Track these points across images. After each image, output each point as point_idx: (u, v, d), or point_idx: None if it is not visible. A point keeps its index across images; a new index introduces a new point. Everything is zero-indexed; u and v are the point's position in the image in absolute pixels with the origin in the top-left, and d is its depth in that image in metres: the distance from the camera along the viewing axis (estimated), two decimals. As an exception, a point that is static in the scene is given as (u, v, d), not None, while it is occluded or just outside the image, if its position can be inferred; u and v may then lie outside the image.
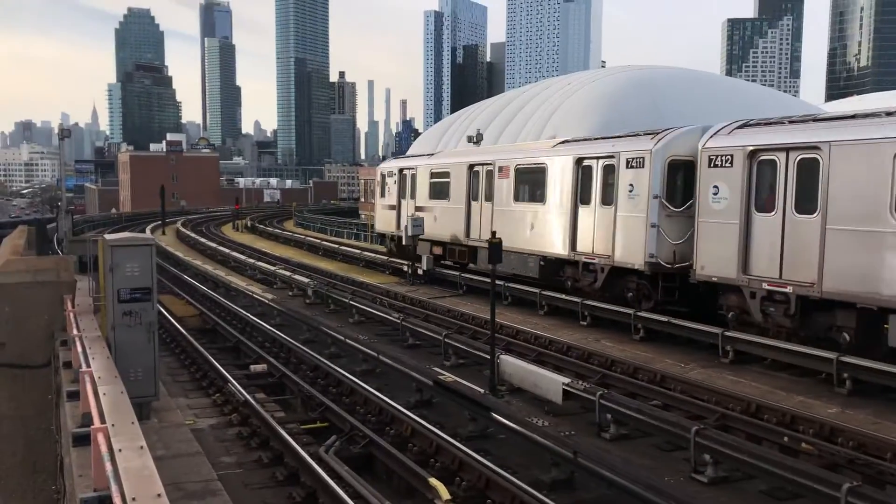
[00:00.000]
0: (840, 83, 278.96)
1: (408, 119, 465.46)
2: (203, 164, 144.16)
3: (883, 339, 12.22)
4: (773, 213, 14.07)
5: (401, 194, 29.17)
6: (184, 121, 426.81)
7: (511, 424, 10.19)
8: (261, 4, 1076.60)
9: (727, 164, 14.78)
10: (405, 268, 26.68)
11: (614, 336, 16.50)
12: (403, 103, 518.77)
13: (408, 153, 43.05)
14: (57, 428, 12.33)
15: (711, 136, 15.47)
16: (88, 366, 9.36)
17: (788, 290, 13.58)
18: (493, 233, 15.38)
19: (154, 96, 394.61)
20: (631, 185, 17.09)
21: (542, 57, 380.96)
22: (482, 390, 12.34)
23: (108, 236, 11.42)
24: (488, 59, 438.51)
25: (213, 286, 27.15)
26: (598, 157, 18.50)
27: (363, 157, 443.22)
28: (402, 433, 10.75)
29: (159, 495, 5.41)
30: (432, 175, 26.94)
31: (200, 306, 22.55)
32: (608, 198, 17.90)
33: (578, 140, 20.63)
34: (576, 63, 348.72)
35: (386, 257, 29.85)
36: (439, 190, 26.23)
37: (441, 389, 12.28)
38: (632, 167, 17.11)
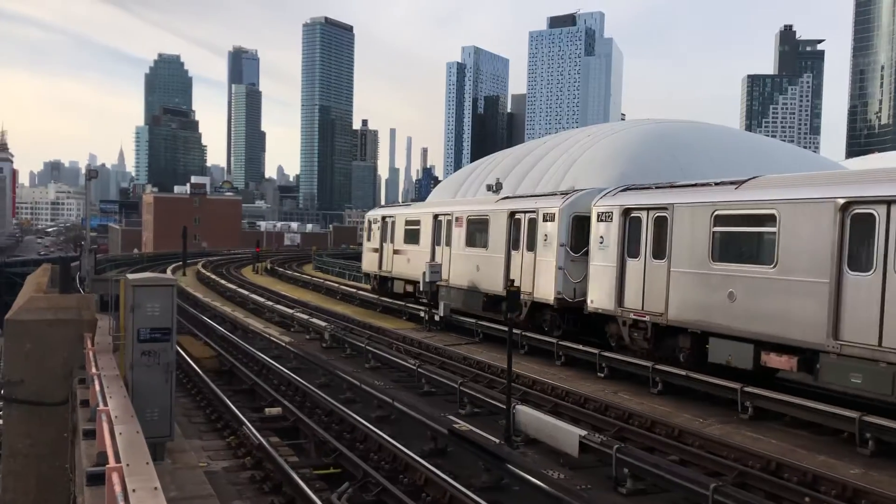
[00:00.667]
0: (861, 140, 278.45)
1: (428, 167, 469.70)
2: (226, 206, 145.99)
3: (705, 356, 15.33)
4: (638, 258, 17.38)
5: (383, 239, 32.67)
6: (208, 164, 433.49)
7: (526, 476, 10.07)
8: (288, 53, 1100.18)
9: (609, 220, 18.20)
10: (422, 314, 26.71)
11: (632, 389, 16.33)
12: (424, 151, 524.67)
13: (427, 200, 43.40)
14: (71, 466, 12.32)
15: (601, 197, 18.87)
16: (106, 404, 9.39)
17: (647, 318, 16.87)
18: (511, 281, 15.49)
19: (180, 139, 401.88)
20: (546, 234, 20.62)
21: (562, 109, 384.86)
22: (497, 440, 12.22)
23: (130, 276, 11.55)
24: (509, 110, 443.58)
25: (231, 328, 27.26)
26: (525, 212, 21.92)
27: (383, 203, 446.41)
28: (416, 482, 10.64)
29: (172, 537, 5.39)
30: (407, 223, 30.48)
31: (218, 348, 22.62)
32: (531, 245, 21.31)
33: (513, 197, 24.68)
34: (595, 115, 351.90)
35: (404, 303, 29.89)
36: (412, 236, 29.77)
37: (456, 438, 12.17)
38: (547, 220, 20.63)
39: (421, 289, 27.71)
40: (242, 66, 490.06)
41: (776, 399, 13.57)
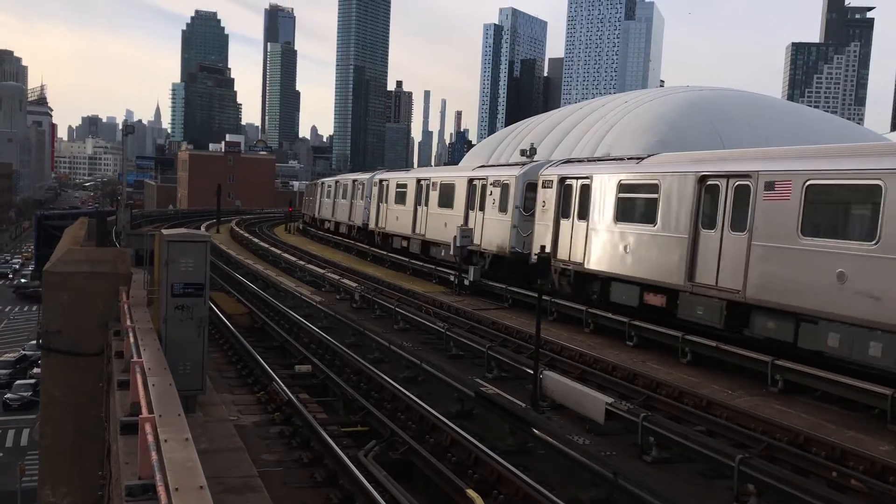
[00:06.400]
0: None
1: (462, 130, 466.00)
2: (260, 165, 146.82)
3: None
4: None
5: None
6: (243, 122, 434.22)
7: (551, 441, 10.10)
8: (324, 11, 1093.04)
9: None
10: (451, 278, 26.73)
11: (661, 358, 16.24)
12: (458, 114, 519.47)
13: (460, 164, 43.08)
14: (106, 415, 12.63)
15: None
16: (139, 357, 9.58)
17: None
18: (542, 247, 15.34)
19: (216, 97, 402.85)
20: None
21: (599, 74, 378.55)
22: (523, 404, 12.27)
23: (164, 231, 11.69)
24: (545, 74, 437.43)
25: (263, 286, 27.58)
26: None
27: (415, 165, 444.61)
28: (442, 442, 10.75)
29: (201, 487, 5.51)
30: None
31: (250, 305, 22.91)
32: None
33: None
34: (634, 81, 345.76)
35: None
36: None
37: (482, 401, 12.24)
38: None
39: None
40: (278, 24, 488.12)
41: (807, 373, 13.39)
